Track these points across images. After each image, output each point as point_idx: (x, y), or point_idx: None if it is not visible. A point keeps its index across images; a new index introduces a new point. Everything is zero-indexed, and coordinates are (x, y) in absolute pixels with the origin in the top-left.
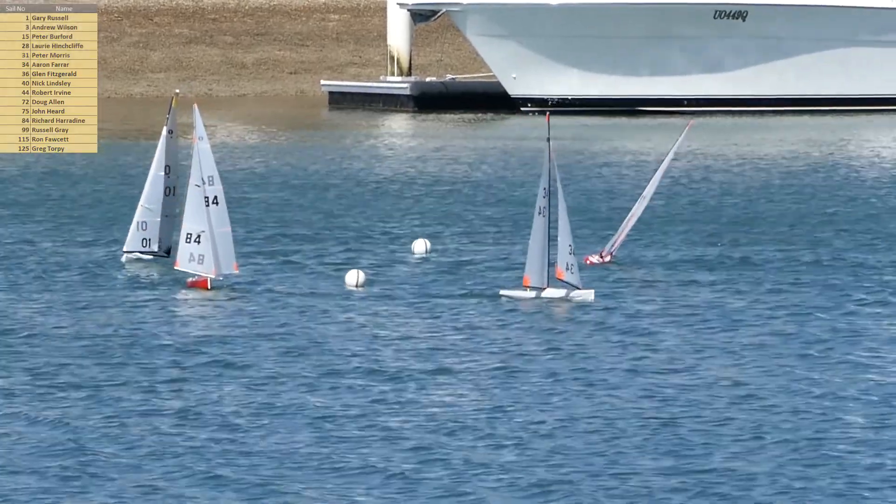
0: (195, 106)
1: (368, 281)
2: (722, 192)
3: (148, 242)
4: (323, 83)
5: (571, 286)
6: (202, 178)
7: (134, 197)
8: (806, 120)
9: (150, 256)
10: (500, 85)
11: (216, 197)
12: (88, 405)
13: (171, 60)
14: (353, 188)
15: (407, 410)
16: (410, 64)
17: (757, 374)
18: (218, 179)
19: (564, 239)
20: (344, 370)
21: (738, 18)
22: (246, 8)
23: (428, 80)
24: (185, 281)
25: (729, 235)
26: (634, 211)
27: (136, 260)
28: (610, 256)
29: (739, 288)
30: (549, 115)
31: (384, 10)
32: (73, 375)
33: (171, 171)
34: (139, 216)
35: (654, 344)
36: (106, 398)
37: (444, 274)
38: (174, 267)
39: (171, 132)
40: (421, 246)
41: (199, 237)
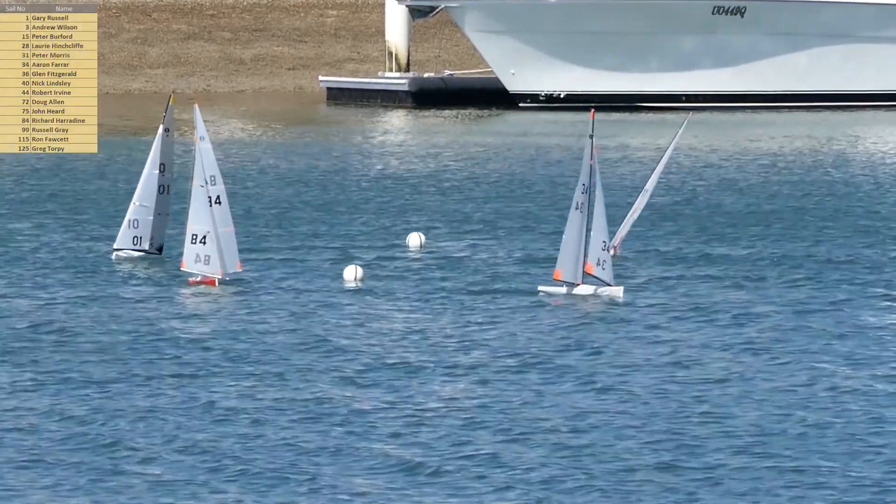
0: (196, 106)
1: (366, 276)
2: (724, 187)
3: (139, 240)
4: (321, 79)
5: (602, 282)
6: (205, 177)
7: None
8: (806, 116)
9: (140, 254)
10: (498, 81)
11: (219, 197)
12: (96, 401)
13: (169, 56)
14: (351, 184)
15: (416, 405)
16: (408, 60)
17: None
18: (220, 179)
19: (599, 235)
20: (348, 365)
21: (736, 14)
22: (244, 4)
23: (426, 76)
24: (187, 279)
25: (736, 232)
26: (637, 205)
27: (136, 258)
28: (614, 250)
29: (760, 284)
30: (593, 112)
31: (382, 6)
32: (76, 372)
33: (165, 169)
34: (131, 214)
35: (672, 340)
36: (113, 394)
37: (441, 269)
38: (181, 268)
39: (167, 130)
40: (416, 240)
41: (204, 238)
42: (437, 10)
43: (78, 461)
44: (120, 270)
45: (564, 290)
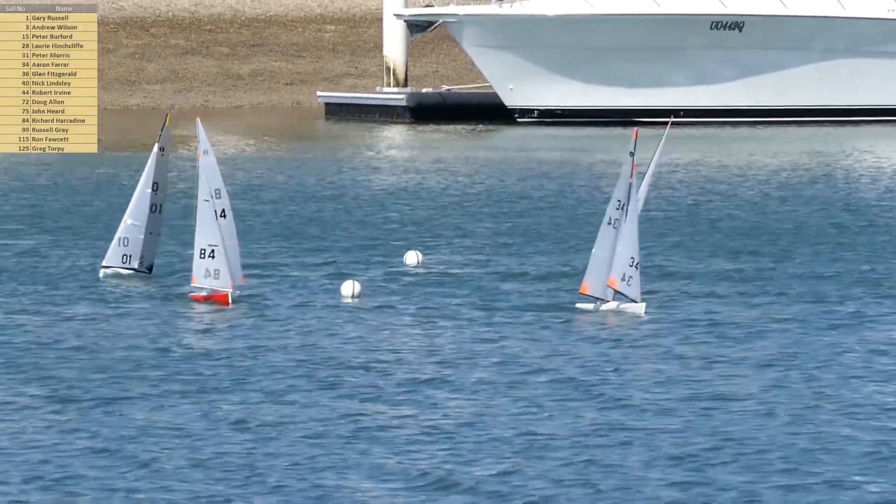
0: (198, 120)
1: (364, 291)
2: (721, 202)
3: (129, 258)
4: (319, 94)
5: (627, 298)
6: (210, 192)
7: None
8: (803, 131)
9: (130, 272)
10: (496, 96)
11: (224, 210)
12: (98, 419)
13: (167, 72)
14: (349, 199)
15: (420, 421)
16: (406, 75)
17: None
18: (224, 192)
19: (627, 250)
20: (351, 381)
21: (734, 29)
22: (242, 19)
23: (424, 90)
24: (187, 295)
25: (735, 246)
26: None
27: (126, 275)
28: None
29: (774, 300)
30: (637, 131)
31: (380, 21)
32: (80, 389)
33: (158, 188)
34: (122, 232)
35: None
36: (113, 411)
37: (441, 285)
38: (191, 283)
39: (162, 149)
40: (413, 258)
41: (212, 252)
42: (435, 25)
43: (81, 475)
44: (111, 288)
45: (593, 305)
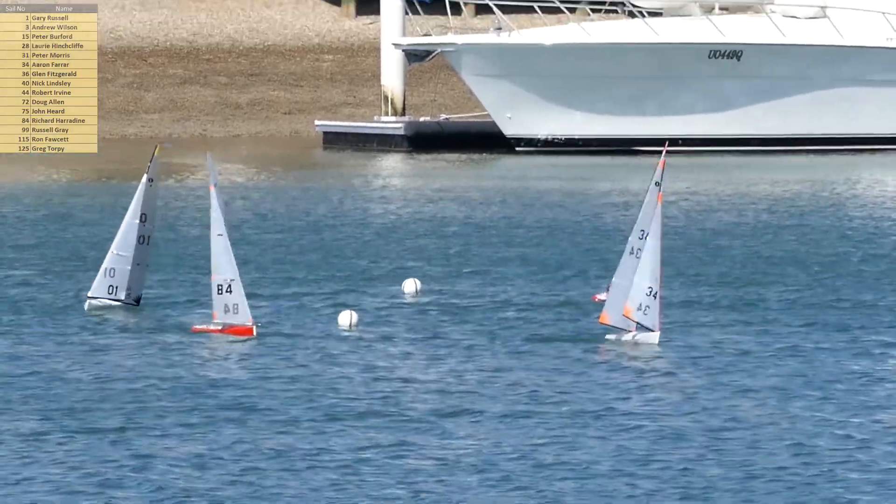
0: (209, 154)
1: (362, 321)
2: (722, 230)
3: (115, 290)
4: (317, 123)
5: (643, 327)
6: (224, 226)
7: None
8: (802, 160)
9: (116, 304)
10: (494, 125)
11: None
12: (99, 450)
13: (165, 101)
14: (347, 228)
15: (426, 453)
16: (404, 104)
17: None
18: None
19: (643, 280)
20: (352, 411)
21: (732, 58)
22: (240, 48)
23: (422, 119)
24: (190, 327)
25: (737, 275)
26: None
27: (114, 307)
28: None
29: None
30: (664, 160)
31: (378, 50)
32: (81, 420)
33: (147, 219)
34: (108, 262)
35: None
36: (113, 442)
37: (439, 314)
38: (213, 319)
39: (151, 180)
40: (411, 286)
41: (230, 286)
42: (433, 54)
43: None
44: (97, 319)
45: (615, 336)
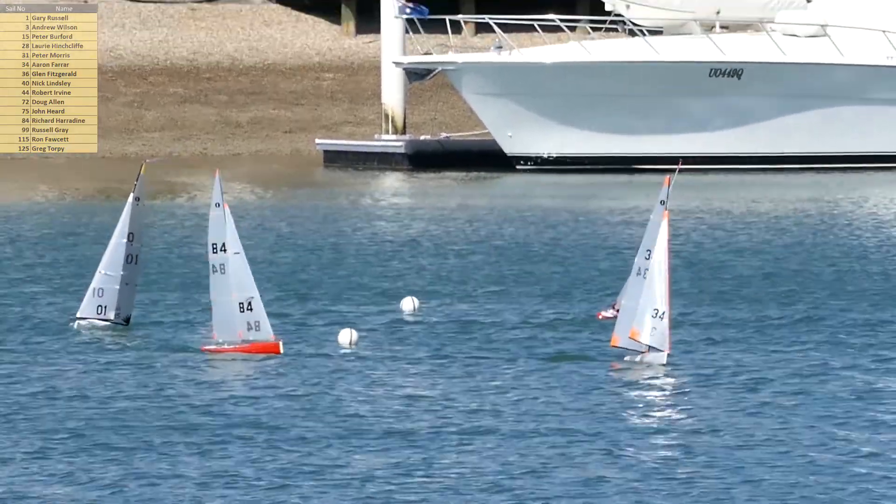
0: (217, 174)
1: (362, 340)
2: (724, 249)
3: (103, 309)
4: (318, 142)
5: (654, 348)
6: (214, 245)
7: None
8: (803, 178)
9: (105, 323)
10: (495, 143)
11: (223, 265)
12: (103, 469)
13: (165, 120)
14: (348, 247)
15: (432, 472)
16: (405, 122)
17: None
18: (220, 248)
19: (650, 301)
20: (358, 431)
21: (733, 76)
22: (240, 67)
23: (422, 138)
24: (199, 347)
25: (743, 294)
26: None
27: (102, 327)
28: (615, 309)
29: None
30: (669, 178)
31: (378, 69)
32: (91, 440)
33: (134, 238)
34: (96, 282)
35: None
36: (120, 462)
37: (441, 333)
38: (238, 337)
39: (137, 199)
40: (409, 304)
41: (250, 304)
42: (434, 73)
43: None
44: (88, 339)
45: (627, 357)
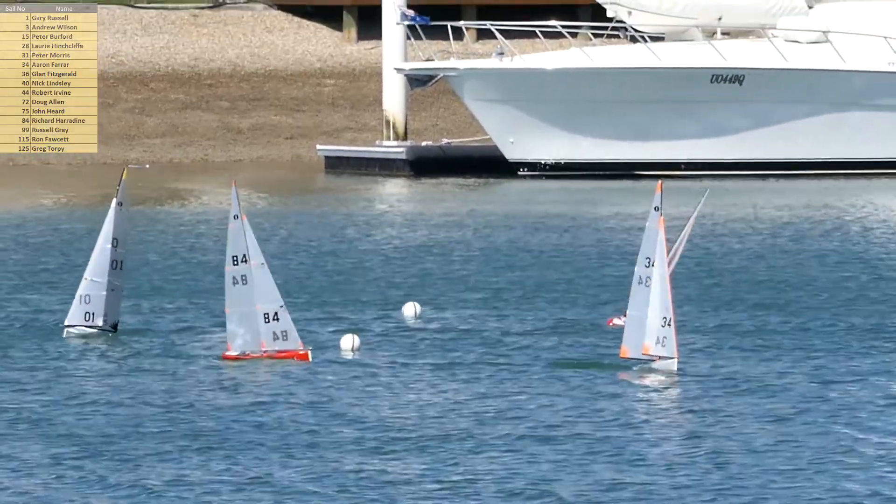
0: (234, 185)
1: (363, 345)
2: (729, 255)
3: (91, 316)
4: (319, 148)
5: (665, 358)
6: (234, 257)
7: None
8: (804, 184)
9: (94, 331)
10: (496, 149)
11: (244, 276)
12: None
13: (167, 126)
14: (349, 253)
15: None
16: (406, 128)
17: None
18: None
19: (657, 311)
20: (360, 435)
21: (735, 82)
22: (242, 73)
23: (424, 144)
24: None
25: (747, 300)
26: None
27: (90, 334)
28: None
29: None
30: (661, 183)
31: (380, 75)
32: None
33: (118, 244)
34: (83, 289)
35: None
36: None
37: (440, 338)
38: (261, 348)
39: (120, 204)
40: (411, 310)
41: (276, 314)
42: (435, 79)
43: None
44: (79, 346)
45: (638, 367)
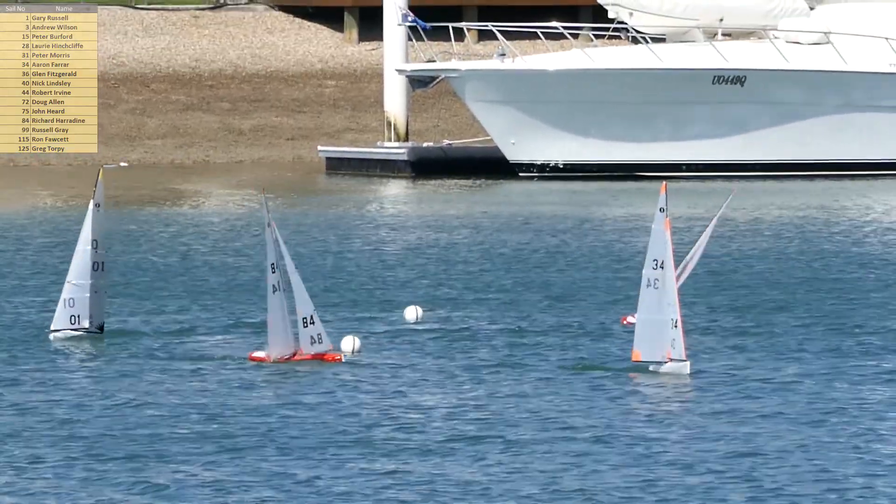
0: (263, 195)
1: (364, 347)
2: (733, 256)
3: (77, 319)
4: (320, 149)
5: (677, 360)
6: (272, 265)
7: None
8: (806, 185)
9: (80, 333)
10: (498, 150)
11: (278, 283)
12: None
13: (168, 127)
14: (351, 254)
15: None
16: (407, 129)
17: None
18: (280, 266)
19: (668, 314)
20: (369, 439)
21: (736, 84)
22: (243, 74)
23: (425, 145)
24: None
25: (752, 302)
26: (685, 263)
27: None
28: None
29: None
30: (665, 184)
31: (381, 76)
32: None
33: (98, 245)
34: (66, 293)
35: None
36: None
37: (447, 341)
38: (299, 352)
39: (97, 205)
40: (412, 313)
41: (312, 318)
42: (437, 80)
43: None
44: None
45: (651, 367)
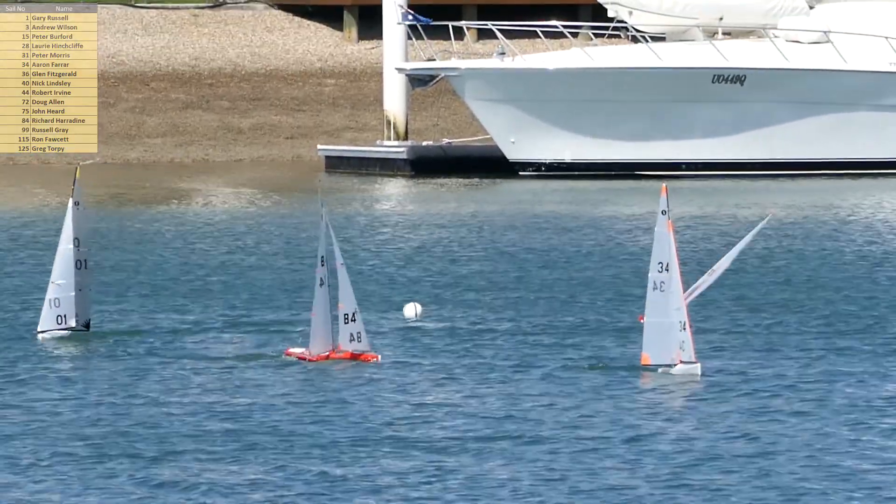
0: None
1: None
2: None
3: (63, 319)
4: (320, 148)
5: (687, 363)
6: (322, 257)
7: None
8: (806, 184)
9: (67, 332)
10: (497, 149)
11: (321, 279)
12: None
13: (167, 125)
14: (351, 253)
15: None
16: (407, 128)
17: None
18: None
19: (676, 317)
20: (377, 438)
21: (736, 83)
22: (242, 73)
23: (425, 144)
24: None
25: (757, 301)
26: (702, 282)
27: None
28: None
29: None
30: (665, 186)
31: (380, 75)
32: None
33: (80, 243)
34: (51, 293)
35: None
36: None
37: (449, 340)
38: (338, 350)
39: (77, 203)
40: (411, 310)
41: (354, 315)
42: (436, 79)
43: None
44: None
45: (660, 370)
